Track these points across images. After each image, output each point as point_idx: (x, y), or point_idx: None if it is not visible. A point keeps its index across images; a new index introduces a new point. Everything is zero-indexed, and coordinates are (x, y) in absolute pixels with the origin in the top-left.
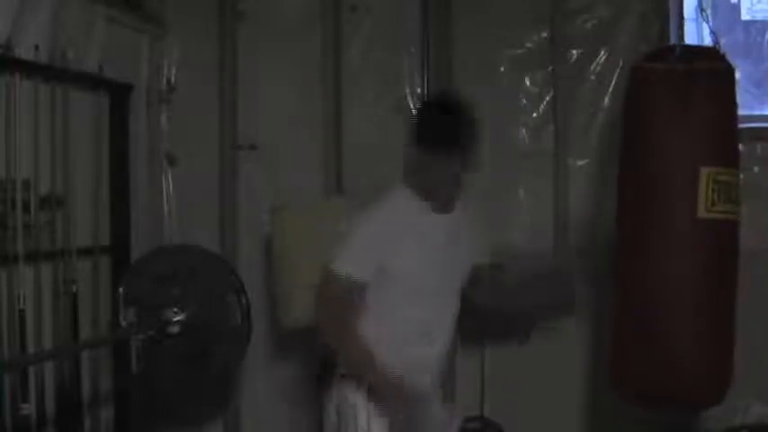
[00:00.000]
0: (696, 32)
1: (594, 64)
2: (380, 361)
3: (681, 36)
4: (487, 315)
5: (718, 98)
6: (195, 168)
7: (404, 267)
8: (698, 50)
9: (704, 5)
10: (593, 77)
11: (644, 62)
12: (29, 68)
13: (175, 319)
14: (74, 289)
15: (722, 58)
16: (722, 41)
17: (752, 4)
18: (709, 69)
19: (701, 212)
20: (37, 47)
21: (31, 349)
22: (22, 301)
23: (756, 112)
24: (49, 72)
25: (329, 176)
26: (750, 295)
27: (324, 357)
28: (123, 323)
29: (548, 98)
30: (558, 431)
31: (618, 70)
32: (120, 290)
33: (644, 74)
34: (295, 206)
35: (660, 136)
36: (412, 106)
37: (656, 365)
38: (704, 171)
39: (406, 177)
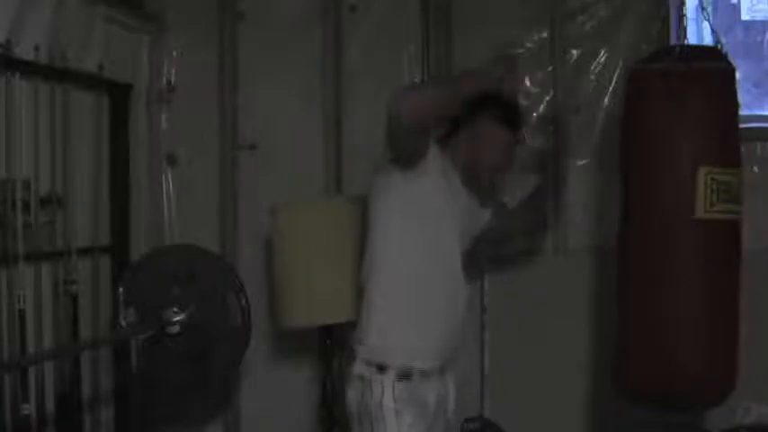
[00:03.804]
0: (696, 32)
1: (594, 64)
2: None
3: (682, 36)
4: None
5: (716, 97)
6: (195, 168)
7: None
8: (697, 50)
9: (704, 5)
10: (593, 77)
11: (642, 62)
12: (29, 68)
13: (175, 319)
14: (74, 289)
15: (722, 57)
16: (723, 41)
17: (752, 4)
18: (708, 69)
19: (700, 213)
20: (37, 47)
21: (31, 349)
22: (22, 301)
23: (756, 112)
24: (49, 72)
25: (329, 176)
26: (750, 295)
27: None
28: (123, 323)
29: (548, 98)
30: (559, 431)
31: (618, 70)
32: (120, 290)
33: (642, 74)
34: (295, 206)
35: (658, 136)
36: None
37: (657, 365)
38: (702, 171)
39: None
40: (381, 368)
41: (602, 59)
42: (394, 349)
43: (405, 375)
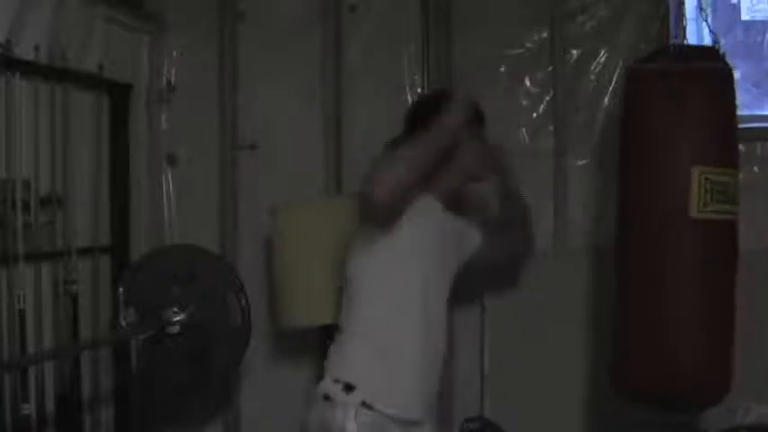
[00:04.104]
0: (696, 32)
1: (594, 64)
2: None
3: (682, 36)
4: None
5: (713, 97)
6: (195, 168)
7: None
8: (694, 50)
9: (704, 5)
10: (593, 77)
11: (641, 62)
12: (29, 68)
13: (175, 319)
14: (74, 289)
15: (719, 57)
16: (722, 41)
17: (752, 4)
18: (705, 69)
19: (694, 212)
20: (37, 47)
21: (31, 349)
22: (22, 301)
23: (756, 112)
24: (49, 72)
25: (329, 176)
26: (750, 295)
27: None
28: (123, 323)
29: (548, 98)
30: (559, 431)
31: (618, 70)
32: (120, 290)
33: (641, 74)
34: (295, 206)
35: (654, 136)
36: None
37: (657, 365)
38: (696, 170)
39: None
40: (349, 388)
41: (602, 59)
42: (362, 383)
43: (371, 405)
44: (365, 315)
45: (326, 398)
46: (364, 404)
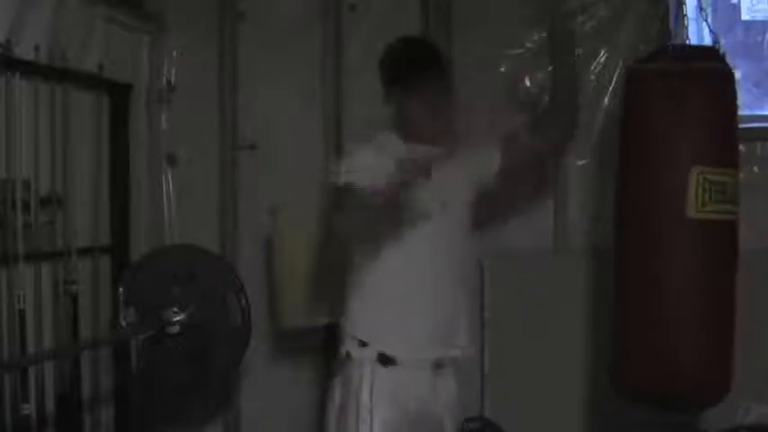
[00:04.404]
0: (697, 32)
1: (594, 64)
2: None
3: (682, 36)
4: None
5: (713, 97)
6: (195, 168)
7: None
8: (694, 50)
9: (704, 5)
10: (593, 77)
11: (641, 62)
12: (29, 68)
13: (175, 319)
14: (74, 289)
15: (719, 57)
16: (722, 41)
17: (752, 4)
18: (705, 69)
19: (691, 212)
20: (37, 47)
21: (31, 349)
22: (22, 301)
23: (756, 112)
24: (49, 72)
25: (329, 176)
26: (750, 295)
27: (332, 327)
28: (123, 323)
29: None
30: (559, 431)
31: (618, 70)
32: (120, 290)
33: (641, 74)
34: (295, 206)
35: (653, 136)
36: None
37: (657, 365)
38: (695, 170)
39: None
40: (363, 344)
41: (602, 59)
42: (375, 331)
43: (386, 360)
44: (374, 271)
45: (348, 356)
46: (379, 358)
